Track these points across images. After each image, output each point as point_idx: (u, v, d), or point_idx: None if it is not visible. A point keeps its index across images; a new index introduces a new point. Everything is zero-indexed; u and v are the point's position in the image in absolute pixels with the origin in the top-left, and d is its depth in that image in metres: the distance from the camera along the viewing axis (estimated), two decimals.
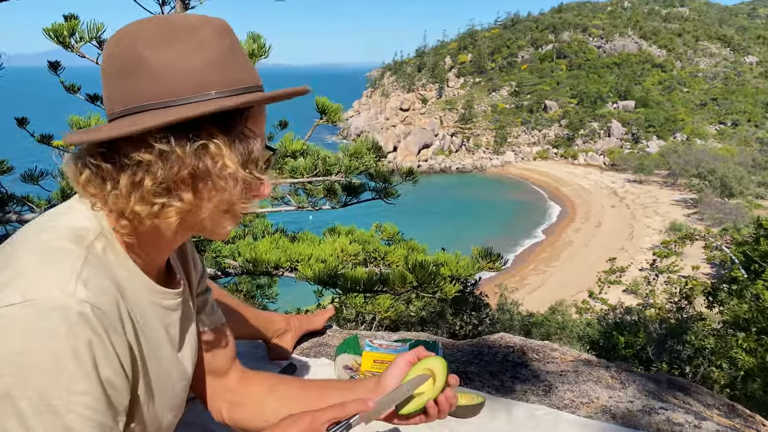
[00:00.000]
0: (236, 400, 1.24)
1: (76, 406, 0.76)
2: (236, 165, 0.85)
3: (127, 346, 0.85)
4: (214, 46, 0.86)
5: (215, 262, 5.93)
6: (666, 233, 46.99)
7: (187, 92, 0.83)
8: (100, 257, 0.85)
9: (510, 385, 1.80)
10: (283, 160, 5.57)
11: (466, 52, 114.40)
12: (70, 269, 0.79)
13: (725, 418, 1.62)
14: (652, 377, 1.84)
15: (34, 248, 0.82)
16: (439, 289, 5.32)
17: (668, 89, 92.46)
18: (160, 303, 0.97)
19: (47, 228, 0.86)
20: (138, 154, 0.82)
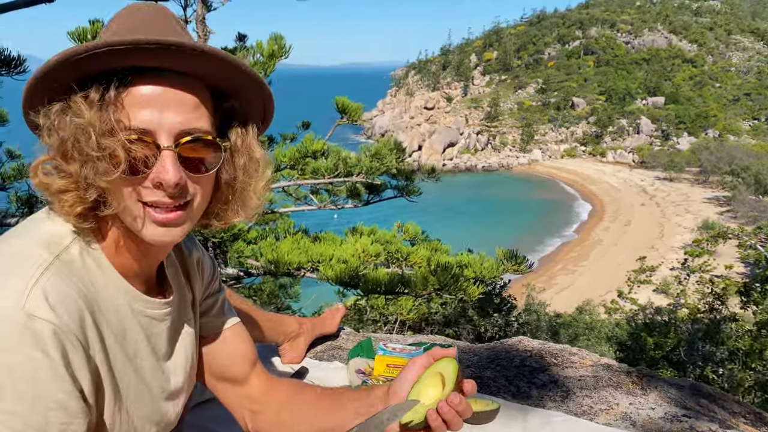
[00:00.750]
0: (257, 410, 1.19)
1: (4, 426, 0.73)
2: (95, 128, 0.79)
3: (88, 362, 0.81)
4: (125, 21, 0.86)
5: (238, 262, 5.96)
6: (698, 231, 46.05)
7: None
8: (74, 263, 0.83)
9: (526, 391, 1.75)
10: (304, 160, 5.58)
11: (492, 49, 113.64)
12: (29, 276, 0.77)
13: (752, 426, 1.55)
14: (675, 383, 1.77)
15: (2, 254, 0.81)
16: (463, 291, 5.26)
17: (699, 84, 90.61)
18: (144, 311, 0.94)
19: (23, 233, 0.85)
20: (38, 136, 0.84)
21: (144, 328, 0.95)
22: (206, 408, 1.70)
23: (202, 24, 5.45)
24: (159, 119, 0.81)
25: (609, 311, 26.97)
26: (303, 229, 6.55)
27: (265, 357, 1.98)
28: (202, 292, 1.16)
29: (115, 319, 0.88)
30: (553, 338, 14.85)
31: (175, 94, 0.83)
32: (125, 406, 0.90)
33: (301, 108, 7.16)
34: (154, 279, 1.01)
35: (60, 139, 0.80)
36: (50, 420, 0.75)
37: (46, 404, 0.75)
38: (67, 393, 0.77)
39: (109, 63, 0.79)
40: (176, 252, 1.11)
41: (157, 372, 0.98)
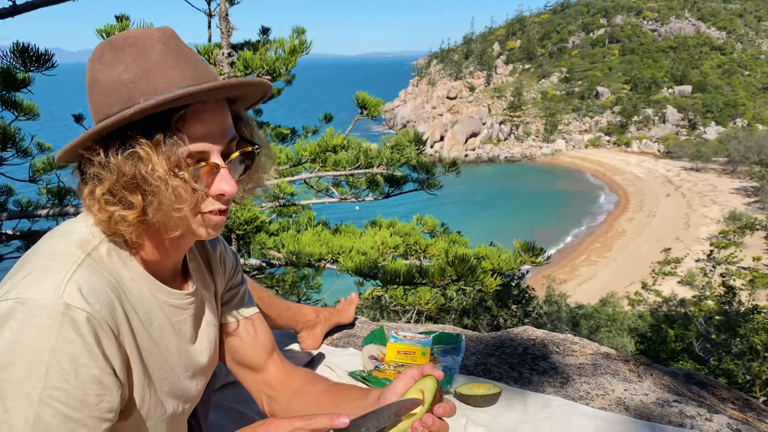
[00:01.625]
0: (272, 395, 1.32)
1: (49, 398, 0.84)
2: (164, 168, 0.89)
3: (118, 345, 0.93)
4: (146, 59, 0.92)
5: (260, 253, 6.12)
6: (724, 223, 45.33)
7: (120, 105, 0.91)
8: (103, 260, 0.96)
9: (528, 377, 1.86)
10: (325, 154, 5.69)
11: (515, 38, 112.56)
12: (66, 271, 0.88)
13: (738, 411, 1.64)
14: (669, 371, 1.87)
15: (43, 252, 0.94)
16: (480, 282, 5.34)
17: (728, 73, 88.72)
18: (167, 301, 1.07)
19: (61, 233, 0.98)
20: (88, 167, 0.92)
21: (168, 315, 1.07)
22: (231, 389, 1.84)
23: (225, 20, 5.59)
24: (213, 144, 0.94)
25: (632, 303, 26.78)
26: (323, 221, 6.69)
27: (285, 343, 2.12)
28: (224, 284, 1.29)
29: (141, 307, 1.01)
30: (574, 329, 14.84)
31: (217, 118, 0.95)
32: (152, 383, 1.03)
33: (323, 98, 7.27)
34: (178, 272, 1.14)
35: (120, 173, 0.90)
36: (88, 393, 0.88)
37: (85, 379, 0.87)
38: (101, 369, 0.89)
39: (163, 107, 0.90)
40: (200, 248, 1.24)
41: (181, 354, 1.11)
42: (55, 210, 5.84)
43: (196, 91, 0.89)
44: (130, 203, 0.92)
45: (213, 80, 0.95)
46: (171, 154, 0.90)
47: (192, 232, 0.99)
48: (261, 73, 5.44)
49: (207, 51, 5.69)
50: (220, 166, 0.96)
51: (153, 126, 0.90)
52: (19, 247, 6.58)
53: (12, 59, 4.49)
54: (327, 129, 5.73)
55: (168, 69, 0.92)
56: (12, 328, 0.84)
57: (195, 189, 0.94)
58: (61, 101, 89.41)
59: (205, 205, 0.97)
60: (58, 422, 0.85)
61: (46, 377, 0.84)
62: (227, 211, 1.00)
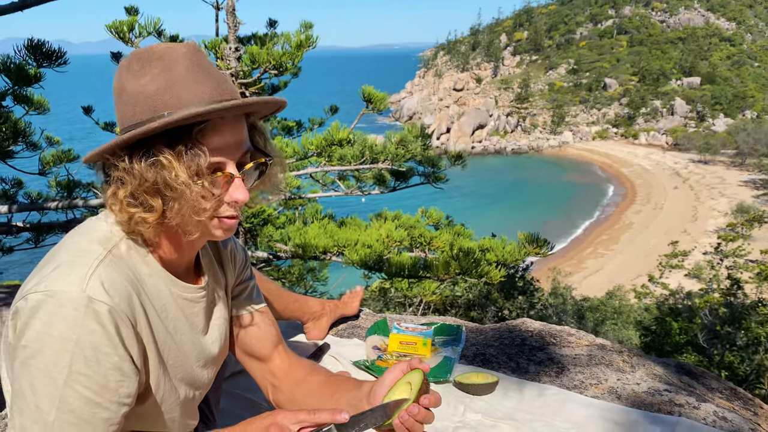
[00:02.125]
0: (277, 384, 1.40)
1: (74, 382, 0.93)
2: (182, 177, 0.96)
3: (136, 335, 1.01)
4: (171, 72, 0.99)
5: (268, 246, 6.21)
6: (732, 215, 45.11)
7: (145, 115, 0.98)
8: (123, 256, 1.04)
9: (525, 367, 1.94)
10: (331, 148, 5.74)
11: (522, 29, 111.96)
12: (89, 267, 0.97)
13: (726, 400, 1.71)
14: (662, 362, 1.94)
15: (68, 248, 1.02)
16: (485, 274, 5.39)
17: (737, 64, 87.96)
18: (181, 295, 1.15)
19: (84, 231, 1.06)
20: (113, 170, 0.99)
21: (182, 308, 1.16)
22: (240, 378, 1.93)
23: (232, 15, 5.65)
24: (228, 154, 1.02)
25: (639, 296, 26.76)
26: (329, 214, 6.77)
27: (292, 334, 2.20)
28: (234, 279, 1.38)
29: (158, 300, 1.09)
30: (579, 322, 14.89)
31: (235, 131, 1.03)
32: (167, 371, 1.12)
33: (329, 89, 7.28)
34: (192, 268, 1.22)
35: (143, 179, 0.97)
36: (109, 378, 0.96)
37: (106, 366, 0.96)
38: (120, 357, 0.97)
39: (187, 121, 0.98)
40: (212, 245, 1.33)
41: (194, 345, 1.19)
42: (64, 202, 5.93)
43: (218, 109, 0.96)
44: (150, 206, 0.99)
45: (233, 96, 1.03)
46: (191, 164, 0.97)
47: (208, 234, 1.07)
48: (268, 68, 5.50)
49: (214, 45, 5.75)
50: (234, 176, 1.03)
51: (175, 137, 0.97)
52: (28, 239, 6.69)
53: (25, 55, 4.59)
54: (333, 123, 5.78)
55: (191, 83, 0.99)
56: (41, 318, 0.92)
57: (213, 194, 1.01)
58: (66, 92, 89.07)
59: (221, 210, 1.04)
60: (81, 404, 0.94)
61: (70, 364, 0.92)
62: (239, 215, 1.08)
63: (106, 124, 6.40)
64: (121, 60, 1.05)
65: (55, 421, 0.92)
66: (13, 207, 5.90)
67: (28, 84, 4.87)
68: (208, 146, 0.99)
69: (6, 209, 5.79)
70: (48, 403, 0.92)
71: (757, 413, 1.67)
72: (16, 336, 0.94)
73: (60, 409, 0.93)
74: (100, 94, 33.06)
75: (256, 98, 1.02)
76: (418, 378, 1.09)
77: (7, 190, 6.80)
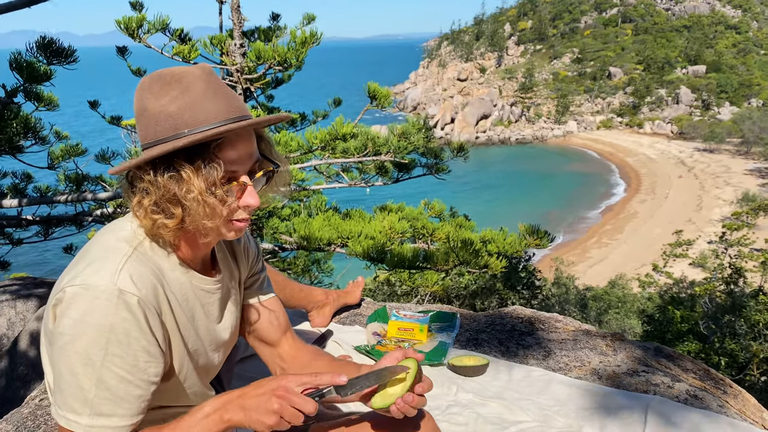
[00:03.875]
0: (284, 368, 1.54)
1: (110, 363, 1.08)
2: (200, 189, 1.09)
3: (161, 323, 1.16)
4: (189, 93, 1.12)
5: (273, 238, 6.34)
6: (738, 204, 45.02)
7: (167, 133, 1.10)
8: (147, 253, 1.18)
9: (514, 351, 2.08)
10: (334, 142, 5.85)
11: (527, 18, 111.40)
12: (118, 262, 1.10)
13: (699, 380, 1.85)
14: (642, 345, 2.08)
15: (99, 246, 1.17)
16: (485, 265, 5.51)
17: (743, 52, 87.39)
18: (199, 286, 1.30)
19: (113, 230, 1.21)
20: (138, 182, 1.12)
21: (200, 298, 1.30)
22: (250, 362, 2.07)
23: (237, 12, 5.76)
24: (243, 167, 1.15)
25: (643, 285, 26.84)
26: (334, 206, 6.89)
27: (297, 321, 2.35)
28: (247, 271, 1.53)
29: (179, 292, 1.23)
30: (582, 311, 15.02)
31: (247, 145, 1.16)
32: (189, 353, 1.27)
33: (333, 81, 7.31)
34: (207, 262, 1.37)
35: (165, 189, 1.10)
36: (139, 359, 1.11)
37: (136, 349, 1.10)
38: (148, 342, 1.12)
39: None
40: (226, 241, 1.47)
41: (208, 331, 1.34)
42: (73, 196, 6.07)
43: (234, 129, 1.10)
44: (171, 214, 1.13)
45: (244, 113, 1.16)
46: (208, 176, 1.11)
47: (221, 236, 1.21)
48: (273, 64, 5.61)
49: (220, 41, 5.85)
50: (247, 184, 1.17)
51: (194, 152, 1.11)
52: (38, 232, 6.84)
53: (36, 53, 4.71)
54: (337, 117, 5.89)
55: (207, 103, 1.13)
56: (78, 308, 1.07)
57: (226, 202, 1.15)
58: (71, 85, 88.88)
59: (235, 215, 1.19)
60: (116, 383, 1.09)
61: (106, 347, 1.07)
62: (250, 218, 1.21)
63: (112, 118, 6.52)
64: (142, 81, 1.18)
65: (95, 398, 1.07)
66: (23, 201, 6.05)
67: (39, 82, 4.98)
68: (224, 159, 1.12)
69: (16, 203, 5.94)
70: (87, 382, 1.07)
71: (726, 392, 1.81)
72: (55, 324, 1.09)
73: (98, 387, 1.08)
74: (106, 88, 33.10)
75: (267, 117, 1.16)
76: (414, 366, 1.20)
77: (17, 184, 6.95)
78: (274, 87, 7.14)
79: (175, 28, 6.12)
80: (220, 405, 1.14)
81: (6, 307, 3.75)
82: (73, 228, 6.82)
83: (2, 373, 3.25)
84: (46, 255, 26.50)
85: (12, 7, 4.77)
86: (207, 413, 1.13)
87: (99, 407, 1.08)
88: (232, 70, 5.63)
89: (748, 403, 1.82)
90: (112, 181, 6.52)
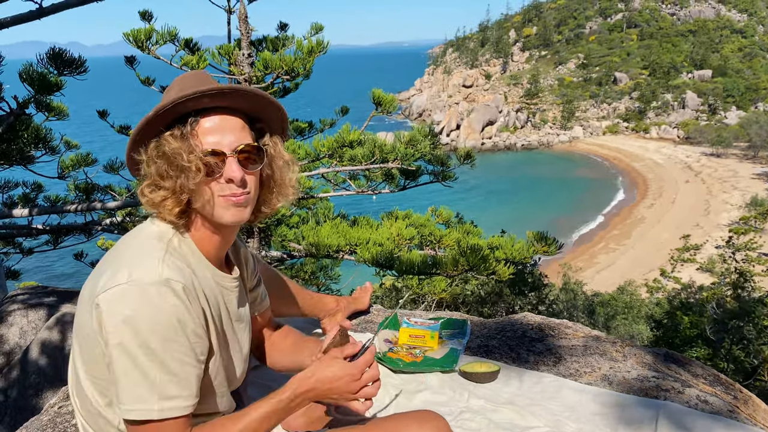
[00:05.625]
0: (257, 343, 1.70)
1: (168, 349, 1.14)
2: (177, 147, 1.20)
3: (203, 310, 1.24)
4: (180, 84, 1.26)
5: (281, 245, 6.38)
6: (745, 208, 44.80)
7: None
8: (177, 249, 1.26)
9: (525, 357, 2.10)
10: (342, 149, 5.89)
11: (531, 24, 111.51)
12: (158, 257, 1.19)
13: (709, 386, 1.86)
14: (652, 351, 2.09)
15: (132, 246, 1.25)
16: (493, 271, 5.52)
17: (749, 56, 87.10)
18: (221, 283, 1.36)
19: (138, 233, 1.29)
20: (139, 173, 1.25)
21: (223, 295, 1.36)
22: (264, 369, 2.09)
23: (244, 22, 5.81)
24: (221, 139, 1.23)
25: (651, 290, 26.70)
26: (342, 214, 6.93)
27: (309, 329, 2.37)
28: (248, 281, 1.58)
29: (207, 285, 1.29)
30: (590, 317, 14.98)
31: (228, 121, 1.26)
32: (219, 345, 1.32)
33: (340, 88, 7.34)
34: (223, 263, 1.42)
35: (157, 165, 1.22)
36: (189, 337, 1.18)
37: (188, 332, 1.18)
38: (195, 323, 1.19)
39: (181, 110, 1.23)
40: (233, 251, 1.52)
41: (227, 328, 1.38)
42: (83, 205, 6.13)
43: (193, 93, 1.20)
44: (165, 187, 1.22)
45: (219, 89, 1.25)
46: (187, 142, 1.21)
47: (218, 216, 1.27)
48: (280, 73, 5.66)
49: (228, 51, 5.91)
50: (227, 155, 1.24)
51: (174, 124, 1.23)
52: (47, 241, 6.91)
53: (47, 63, 4.77)
54: (344, 125, 5.93)
55: (187, 88, 1.23)
56: (129, 304, 1.13)
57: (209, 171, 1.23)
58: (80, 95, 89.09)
59: (221, 188, 1.25)
60: (177, 365, 1.16)
61: (164, 334, 1.14)
62: (246, 202, 1.27)
63: (121, 128, 6.59)
64: None
65: (160, 383, 1.14)
66: (33, 210, 6.12)
67: (50, 92, 5.05)
68: (201, 131, 1.23)
69: (27, 212, 6.01)
70: (152, 369, 1.13)
71: (737, 397, 1.82)
72: (104, 324, 1.14)
73: (162, 372, 1.14)
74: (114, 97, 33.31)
75: (233, 86, 1.24)
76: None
77: (27, 194, 7.02)
78: (281, 96, 7.20)
79: (182, 38, 6.19)
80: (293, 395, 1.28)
81: (18, 316, 3.79)
82: (83, 237, 6.89)
83: (15, 382, 3.29)
84: (56, 264, 26.65)
85: (22, 20, 4.85)
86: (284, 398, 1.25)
87: (166, 391, 1.14)
88: (240, 80, 5.69)
89: (758, 408, 1.83)
90: (122, 190, 6.58)
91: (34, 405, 3.11)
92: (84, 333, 1.20)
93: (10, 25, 4.88)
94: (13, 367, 3.36)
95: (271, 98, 1.31)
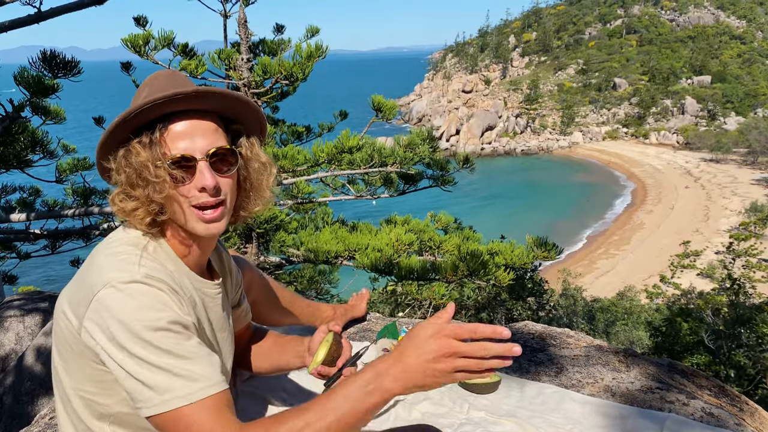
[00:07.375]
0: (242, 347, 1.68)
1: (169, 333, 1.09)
2: (145, 158, 1.15)
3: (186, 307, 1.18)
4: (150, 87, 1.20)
5: (280, 251, 6.33)
6: (745, 214, 44.81)
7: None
8: (152, 254, 1.21)
9: (526, 367, 2.05)
10: (341, 155, 5.85)
11: (531, 30, 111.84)
12: (134, 261, 1.14)
13: (714, 397, 1.82)
14: (655, 362, 2.05)
15: (107, 255, 1.18)
16: (492, 277, 5.48)
17: (748, 62, 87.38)
18: (202, 290, 1.31)
19: (111, 242, 1.23)
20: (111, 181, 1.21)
21: (203, 302, 1.31)
22: (258, 379, 2.05)
23: (243, 27, 5.78)
24: (192, 144, 1.17)
25: (650, 296, 26.64)
26: (341, 219, 6.88)
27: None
28: (231, 293, 1.55)
29: (186, 292, 1.23)
30: (590, 323, 14.93)
31: (199, 124, 1.20)
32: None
33: (339, 93, 7.33)
34: (205, 269, 1.38)
35: (126, 174, 1.17)
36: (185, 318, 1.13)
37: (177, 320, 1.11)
38: (184, 313, 1.14)
39: (150, 115, 1.16)
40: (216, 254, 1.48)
41: (209, 335, 1.33)
42: (81, 210, 6.09)
43: (159, 98, 1.14)
44: (135, 196, 1.18)
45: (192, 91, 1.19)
46: (155, 150, 1.16)
47: (191, 228, 1.21)
48: (279, 78, 5.63)
49: (227, 56, 5.88)
50: (197, 160, 1.18)
51: (141, 131, 1.17)
52: (45, 246, 6.86)
53: (41, 66, 4.73)
54: (343, 131, 5.89)
55: (156, 90, 1.17)
56: (115, 308, 1.08)
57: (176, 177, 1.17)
58: (79, 100, 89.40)
59: (193, 197, 1.19)
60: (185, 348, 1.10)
61: (154, 323, 1.09)
62: (221, 211, 1.21)
63: None
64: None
65: (175, 368, 1.08)
66: (31, 215, 6.07)
67: (45, 95, 5.00)
68: (171, 136, 1.17)
69: (24, 217, 5.96)
70: (163, 360, 1.07)
71: (742, 409, 1.78)
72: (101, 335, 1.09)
73: (174, 357, 1.08)
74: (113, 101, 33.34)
75: (201, 87, 1.18)
76: (329, 337, 1.45)
77: (25, 198, 6.98)
78: (279, 99, 7.16)
79: (179, 43, 6.16)
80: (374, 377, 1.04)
81: (14, 321, 3.74)
82: (81, 242, 6.84)
83: (10, 389, 3.24)
84: (53, 269, 26.56)
85: (20, 24, 4.82)
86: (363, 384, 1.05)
87: (188, 373, 1.08)
88: (239, 85, 5.66)
89: (765, 421, 1.79)
90: None
91: (28, 412, 3.06)
92: (68, 349, 1.16)
93: (8, 29, 4.85)
94: (9, 374, 3.31)
95: (246, 99, 1.25)
